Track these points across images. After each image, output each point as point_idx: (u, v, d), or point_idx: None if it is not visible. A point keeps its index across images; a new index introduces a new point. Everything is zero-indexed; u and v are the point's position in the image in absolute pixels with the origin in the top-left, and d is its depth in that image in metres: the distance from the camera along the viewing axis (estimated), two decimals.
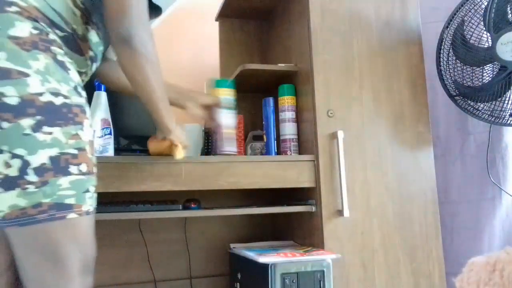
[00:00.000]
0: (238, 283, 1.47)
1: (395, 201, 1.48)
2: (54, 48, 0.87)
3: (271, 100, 1.56)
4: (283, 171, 1.39)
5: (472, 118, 1.66)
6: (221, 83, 1.47)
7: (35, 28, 0.85)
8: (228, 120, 1.39)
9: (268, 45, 1.91)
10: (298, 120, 1.55)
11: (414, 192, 1.51)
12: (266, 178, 1.37)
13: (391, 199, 1.48)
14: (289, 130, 1.51)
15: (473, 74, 1.54)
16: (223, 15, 1.90)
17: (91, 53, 1.03)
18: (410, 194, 1.50)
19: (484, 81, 1.53)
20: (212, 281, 1.71)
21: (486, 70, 1.52)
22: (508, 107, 1.49)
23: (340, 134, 1.42)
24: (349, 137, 1.46)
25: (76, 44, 0.96)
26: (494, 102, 1.52)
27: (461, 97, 1.59)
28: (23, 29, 0.83)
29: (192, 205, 1.40)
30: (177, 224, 1.71)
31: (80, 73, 0.99)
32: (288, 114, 1.52)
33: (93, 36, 1.03)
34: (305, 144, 1.51)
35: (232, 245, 1.55)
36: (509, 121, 1.50)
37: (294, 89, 1.55)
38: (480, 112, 1.56)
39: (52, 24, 0.90)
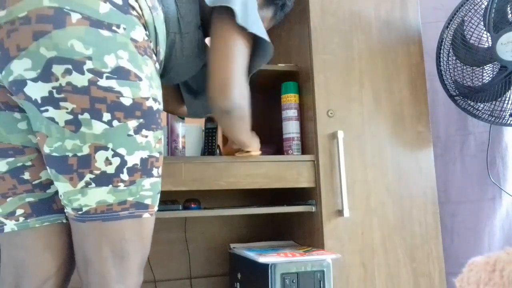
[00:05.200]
0: (238, 283, 1.47)
1: (395, 201, 1.48)
2: (154, 56, 0.91)
3: None
4: (283, 171, 1.39)
5: (472, 118, 1.66)
6: None
7: (146, 34, 0.88)
8: None
9: None
10: (301, 119, 1.55)
11: (414, 192, 1.51)
12: (266, 178, 1.37)
13: (391, 199, 1.48)
14: (291, 128, 1.51)
15: (473, 74, 1.54)
16: None
17: None
18: (410, 194, 1.51)
19: (484, 81, 1.53)
20: (212, 281, 1.71)
21: (486, 70, 1.52)
22: (508, 107, 1.49)
23: (340, 134, 1.42)
24: (349, 137, 1.46)
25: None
26: (494, 102, 1.52)
27: (461, 97, 1.59)
28: (140, 33, 0.86)
29: (192, 205, 1.40)
30: (177, 224, 1.72)
31: None
32: (290, 112, 1.51)
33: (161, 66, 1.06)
34: (306, 144, 1.51)
35: (232, 245, 1.55)
36: (509, 121, 1.50)
37: (297, 87, 1.55)
38: (480, 112, 1.56)
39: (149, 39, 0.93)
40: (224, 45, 1.01)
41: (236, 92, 1.01)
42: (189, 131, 1.60)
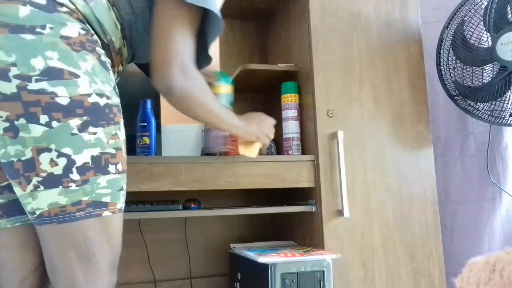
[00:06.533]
0: (238, 283, 1.47)
1: (395, 201, 1.48)
2: (98, 49, 0.88)
3: (148, 102, 1.51)
4: (283, 171, 1.39)
5: (472, 118, 1.66)
6: (223, 75, 1.44)
7: (83, 28, 0.86)
8: None
9: (268, 45, 1.91)
10: (300, 119, 1.55)
11: (414, 192, 1.51)
12: (266, 178, 1.37)
13: (391, 199, 1.48)
14: (292, 128, 1.51)
15: (473, 74, 1.54)
16: (223, 15, 1.90)
17: (120, 68, 1.03)
18: (410, 194, 1.51)
19: (484, 81, 1.53)
20: (212, 281, 1.71)
21: (486, 70, 1.52)
22: (508, 107, 1.49)
23: (340, 134, 1.42)
24: (349, 137, 1.46)
25: (109, 55, 0.96)
26: (494, 102, 1.52)
27: (461, 97, 1.59)
28: (73, 29, 0.84)
29: (192, 205, 1.40)
30: (177, 224, 1.72)
31: None
32: (290, 112, 1.52)
33: (125, 52, 1.03)
34: (306, 144, 1.51)
35: (232, 245, 1.55)
36: (509, 121, 1.50)
37: (297, 87, 1.55)
38: (480, 112, 1.56)
39: (94, 31, 0.91)
40: (163, 20, 0.96)
41: (175, 71, 0.94)
42: (189, 131, 1.59)
